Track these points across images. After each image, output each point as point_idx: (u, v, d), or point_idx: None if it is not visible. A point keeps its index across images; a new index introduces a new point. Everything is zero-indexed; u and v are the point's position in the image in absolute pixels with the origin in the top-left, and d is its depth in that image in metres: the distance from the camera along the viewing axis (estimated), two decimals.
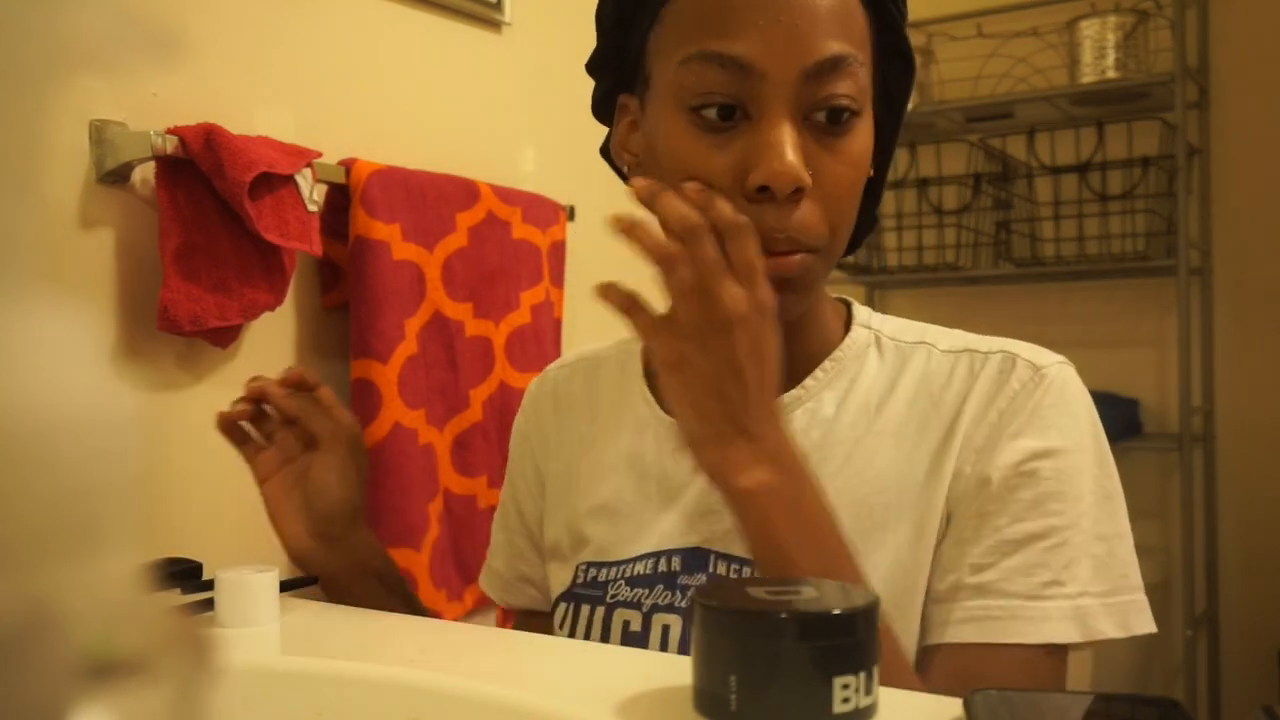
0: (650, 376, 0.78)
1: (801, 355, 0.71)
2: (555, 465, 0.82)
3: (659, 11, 0.66)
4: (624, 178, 0.75)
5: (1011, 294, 2.18)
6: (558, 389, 0.84)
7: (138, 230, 1.03)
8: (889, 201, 2.17)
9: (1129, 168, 1.89)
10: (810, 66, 0.61)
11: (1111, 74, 1.88)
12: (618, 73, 0.72)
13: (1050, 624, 0.62)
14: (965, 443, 0.67)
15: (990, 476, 0.65)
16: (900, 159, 2.12)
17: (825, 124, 0.62)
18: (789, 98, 0.61)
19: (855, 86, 0.63)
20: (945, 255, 2.07)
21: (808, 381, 0.71)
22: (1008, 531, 0.64)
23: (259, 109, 1.15)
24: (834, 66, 0.62)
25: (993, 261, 2.08)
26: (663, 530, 0.72)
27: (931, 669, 0.64)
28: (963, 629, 0.63)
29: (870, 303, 2.31)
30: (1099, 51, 1.90)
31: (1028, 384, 0.67)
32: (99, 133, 0.98)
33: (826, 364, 0.72)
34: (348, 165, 1.20)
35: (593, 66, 0.74)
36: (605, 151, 0.76)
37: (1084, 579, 0.63)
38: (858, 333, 0.73)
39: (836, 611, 0.43)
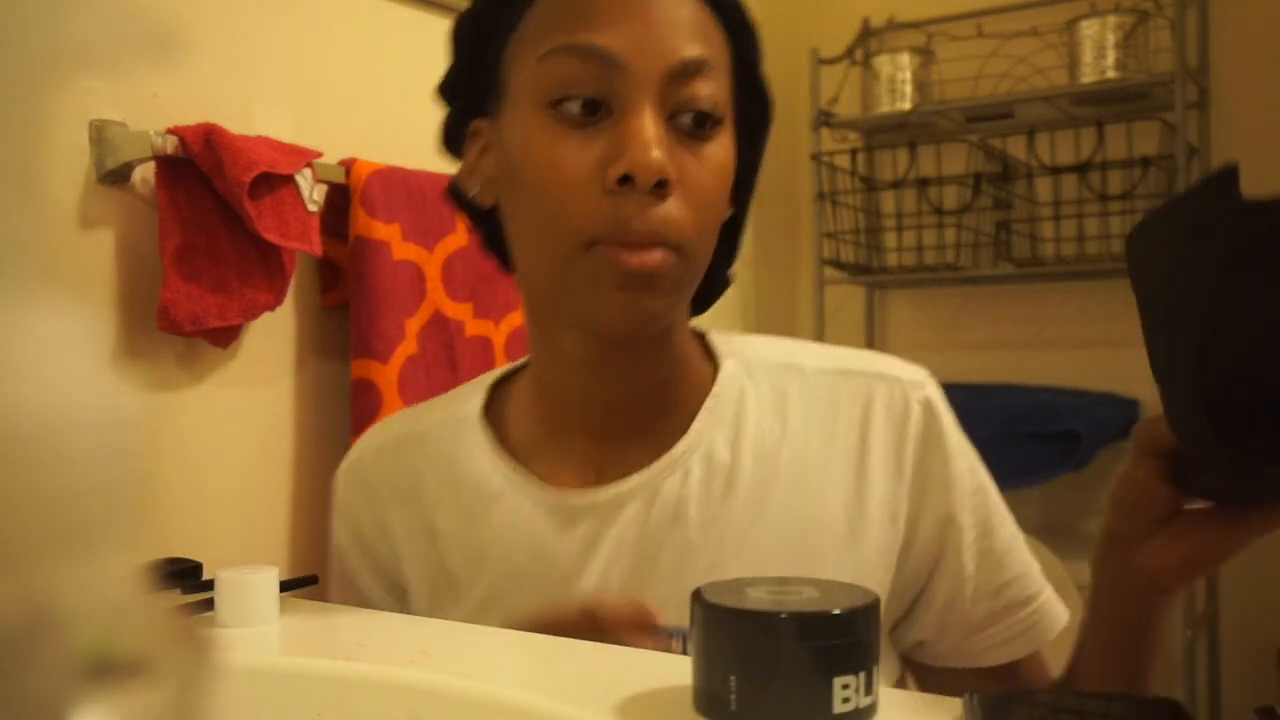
0: (507, 444, 0.70)
1: (680, 397, 0.69)
2: (412, 567, 0.72)
3: (519, 19, 0.64)
4: (471, 211, 0.71)
5: (1011, 294, 2.18)
6: (376, 479, 0.75)
7: (138, 230, 1.03)
8: (888, 201, 2.17)
9: (1129, 168, 1.89)
10: (675, 64, 0.60)
11: (1111, 74, 1.88)
12: (471, 95, 0.68)
13: (1058, 609, 0.69)
14: (893, 485, 0.66)
15: (954, 514, 0.66)
16: (900, 159, 2.13)
17: (689, 127, 0.61)
18: (653, 94, 0.60)
19: (718, 92, 0.62)
20: (945, 255, 2.07)
21: (696, 425, 0.67)
22: (997, 547, 0.68)
23: (259, 109, 1.15)
24: (698, 68, 0.61)
25: (993, 261, 2.08)
26: None
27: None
28: (1013, 645, 0.67)
29: (870, 303, 2.31)
30: (1099, 51, 1.89)
31: (925, 408, 0.69)
32: (99, 133, 0.98)
33: (709, 403, 0.68)
34: (348, 165, 1.20)
35: (446, 88, 0.70)
36: (452, 189, 0.72)
37: (1036, 564, 0.70)
38: (727, 365, 0.70)
39: (836, 611, 0.43)
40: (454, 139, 0.70)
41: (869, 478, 0.66)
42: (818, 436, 0.68)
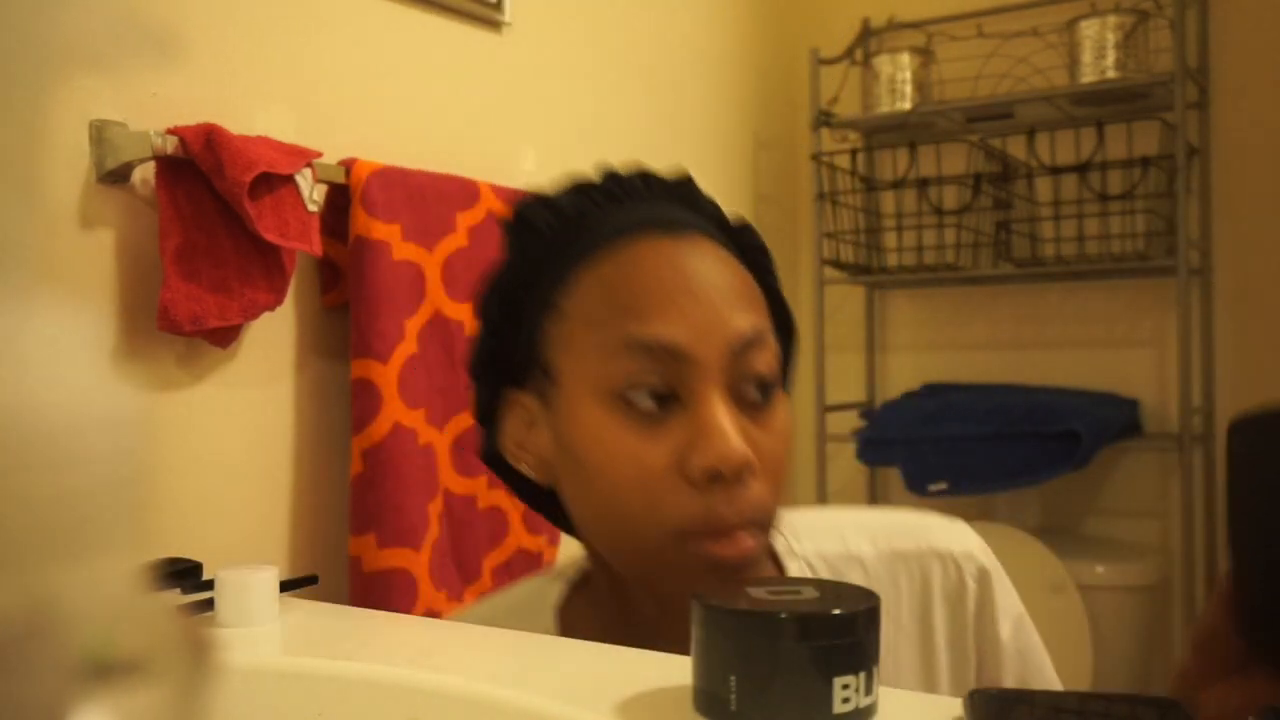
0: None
1: None
2: None
3: (553, 300, 0.64)
4: (514, 482, 0.71)
5: (1011, 294, 2.18)
6: None
7: (138, 230, 1.03)
8: (888, 201, 2.17)
9: (1129, 168, 1.89)
10: (735, 343, 0.60)
11: (1111, 74, 1.88)
12: (505, 370, 0.67)
13: None
14: (961, 668, 0.70)
15: (997, 680, 0.70)
16: (900, 159, 2.13)
17: (752, 400, 0.62)
18: (719, 377, 0.60)
19: (773, 358, 0.63)
20: (945, 255, 2.07)
21: None
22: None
23: (259, 109, 1.15)
24: (755, 341, 0.61)
25: (993, 261, 2.08)
26: None
27: None
28: None
29: (870, 303, 2.31)
30: (1099, 51, 1.89)
31: (979, 581, 0.71)
32: (99, 133, 0.98)
33: None
34: (348, 165, 1.20)
35: (477, 367, 0.69)
36: (489, 455, 0.71)
37: None
38: (791, 566, 0.71)
39: (836, 611, 0.43)
40: (488, 410, 0.69)
41: (936, 664, 0.70)
42: (886, 625, 0.69)
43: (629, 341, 0.60)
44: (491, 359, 0.67)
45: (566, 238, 0.64)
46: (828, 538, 0.73)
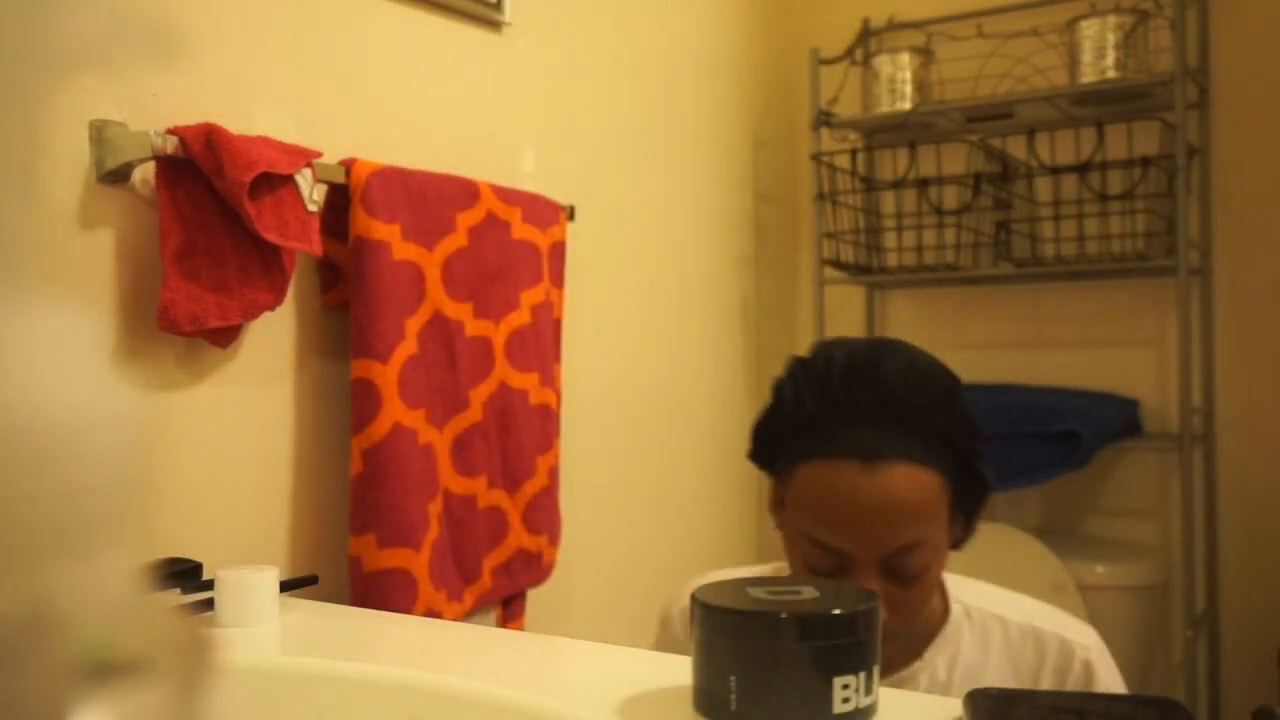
0: None
1: (921, 635, 0.95)
2: None
3: (787, 471, 0.92)
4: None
5: (1011, 294, 2.18)
6: None
7: (138, 230, 1.03)
8: (888, 201, 2.17)
9: (1129, 168, 1.89)
10: (891, 552, 0.85)
11: (1111, 74, 1.88)
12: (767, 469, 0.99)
13: None
14: None
15: None
16: (900, 159, 2.12)
17: (903, 578, 0.85)
18: (874, 567, 0.85)
19: (925, 556, 0.86)
20: (945, 255, 2.07)
21: (926, 654, 0.95)
22: None
23: (259, 109, 1.15)
24: (909, 549, 0.85)
25: (993, 261, 2.07)
26: None
27: None
28: None
29: (870, 303, 2.31)
30: (1099, 51, 1.89)
31: (1085, 667, 0.91)
32: (99, 133, 0.98)
33: (938, 641, 0.95)
34: (348, 165, 1.20)
35: (752, 456, 1.00)
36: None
37: None
38: (955, 609, 0.97)
39: (836, 612, 0.43)
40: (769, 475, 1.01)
41: None
42: (1007, 671, 0.93)
43: (813, 539, 0.87)
44: (760, 461, 0.99)
45: (802, 430, 0.91)
46: (986, 600, 0.98)
